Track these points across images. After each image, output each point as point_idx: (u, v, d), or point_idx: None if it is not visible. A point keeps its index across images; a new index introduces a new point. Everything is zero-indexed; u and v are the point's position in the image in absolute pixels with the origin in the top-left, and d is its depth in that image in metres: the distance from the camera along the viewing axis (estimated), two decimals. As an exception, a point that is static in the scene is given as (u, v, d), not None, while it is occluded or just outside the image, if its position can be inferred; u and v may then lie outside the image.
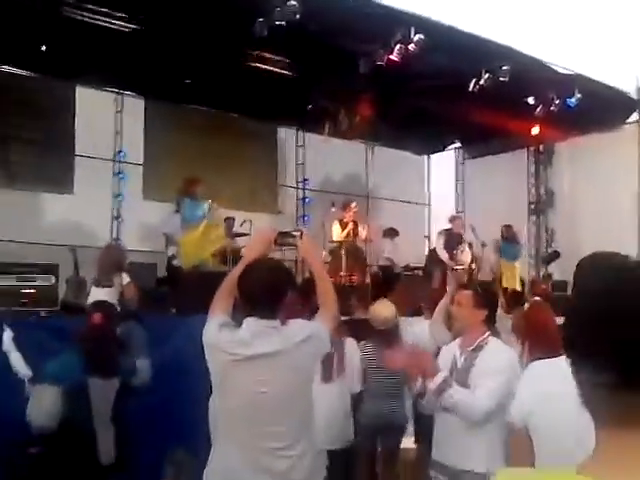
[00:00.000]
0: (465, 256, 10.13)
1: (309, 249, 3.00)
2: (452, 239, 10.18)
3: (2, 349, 4.18)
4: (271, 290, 2.61)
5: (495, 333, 4.36)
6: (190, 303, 5.66)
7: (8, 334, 4.23)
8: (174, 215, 8.24)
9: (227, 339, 2.57)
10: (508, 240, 10.55)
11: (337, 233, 9.54)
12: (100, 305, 4.56)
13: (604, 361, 0.80)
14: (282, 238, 2.96)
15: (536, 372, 2.41)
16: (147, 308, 6.46)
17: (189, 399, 3.47)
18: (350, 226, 9.55)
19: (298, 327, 2.65)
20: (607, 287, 0.82)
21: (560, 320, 0.95)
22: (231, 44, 8.90)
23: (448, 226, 10.40)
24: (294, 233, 2.98)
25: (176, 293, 7.62)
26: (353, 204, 9.82)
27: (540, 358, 2.76)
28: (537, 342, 3.24)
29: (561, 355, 0.90)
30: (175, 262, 8.07)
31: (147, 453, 4.36)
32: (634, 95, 11.36)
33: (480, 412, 2.89)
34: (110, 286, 6.14)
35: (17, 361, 4.13)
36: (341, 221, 9.59)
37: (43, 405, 3.73)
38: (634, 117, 11.68)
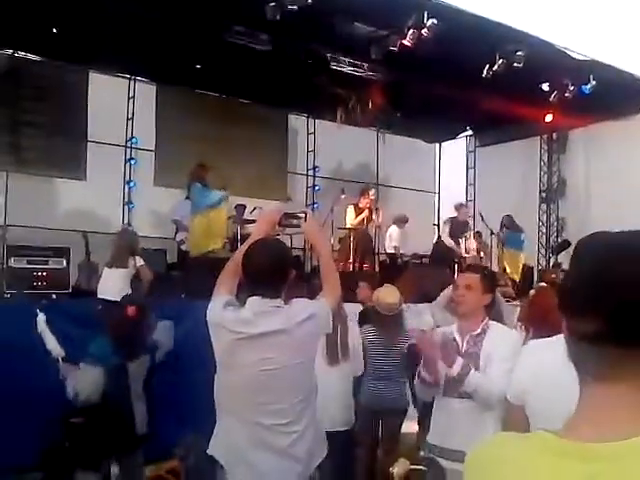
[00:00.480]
0: (470, 244, 10.10)
1: (313, 230, 3.02)
2: (457, 227, 10.14)
3: (37, 331, 4.42)
4: (274, 269, 2.63)
5: (499, 319, 4.39)
6: (200, 288, 5.69)
7: (42, 317, 4.46)
8: (184, 202, 8.30)
9: (231, 318, 2.60)
10: (511, 229, 10.53)
11: (351, 218, 9.53)
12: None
13: (595, 315, 0.83)
14: (287, 219, 3.00)
15: (533, 350, 2.41)
16: (158, 292, 6.52)
17: (198, 382, 3.46)
18: (365, 213, 9.54)
19: (301, 306, 2.68)
20: (601, 256, 0.87)
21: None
22: (243, 29, 8.87)
23: (454, 214, 10.35)
24: (299, 214, 2.99)
25: (186, 278, 7.68)
26: (372, 191, 9.81)
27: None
28: (540, 326, 3.22)
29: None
30: (184, 247, 8.13)
31: (156, 434, 4.42)
32: (650, 83, 11.20)
33: (498, 395, 2.90)
34: (124, 267, 6.23)
35: (51, 342, 4.36)
36: (356, 206, 9.58)
37: (86, 383, 3.95)
38: (650, 104, 11.52)
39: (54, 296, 6.49)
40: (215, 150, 10.50)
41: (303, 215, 2.96)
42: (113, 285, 6.08)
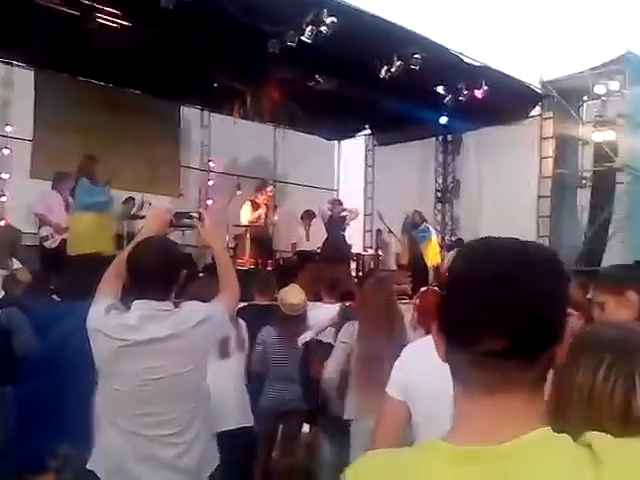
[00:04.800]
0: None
1: (209, 231, 2.86)
2: (335, 223, 10.05)
3: None
4: (162, 270, 2.48)
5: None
6: (77, 289, 5.29)
7: None
8: (51, 193, 7.84)
9: (114, 323, 2.44)
10: (419, 224, 10.70)
11: (247, 214, 9.21)
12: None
13: (502, 333, 0.83)
14: (179, 219, 2.83)
15: (415, 348, 2.42)
16: (33, 293, 6.02)
17: (75, 390, 3.40)
18: (262, 209, 9.27)
19: (193, 309, 2.55)
20: (502, 270, 0.86)
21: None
22: (134, 16, 8.35)
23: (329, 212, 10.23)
24: (192, 214, 2.86)
25: (62, 278, 7.16)
26: (269, 188, 9.58)
27: None
28: (430, 328, 3.16)
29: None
30: (47, 244, 7.63)
31: (27, 446, 4.25)
32: (537, 89, 11.69)
33: None
34: (3, 268, 5.71)
35: None
36: (253, 202, 9.28)
37: None
38: (537, 111, 12.02)
39: None
40: (100, 142, 9.83)
41: (196, 214, 2.85)
42: None
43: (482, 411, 0.86)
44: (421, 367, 2.09)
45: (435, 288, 4.24)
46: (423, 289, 4.26)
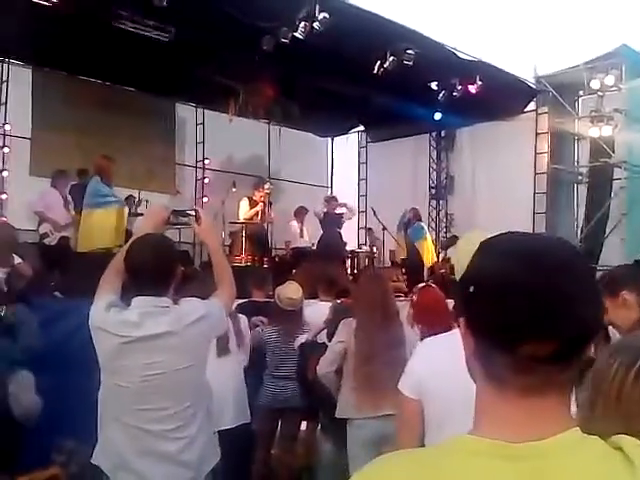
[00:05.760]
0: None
1: (205, 228, 2.90)
2: (331, 220, 10.06)
3: None
4: (159, 266, 2.53)
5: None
6: (81, 286, 5.32)
7: None
8: (50, 191, 7.89)
9: (114, 320, 2.48)
10: (416, 221, 10.72)
11: (244, 211, 9.25)
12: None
13: (551, 337, 0.81)
14: (176, 217, 2.88)
15: (428, 346, 2.41)
16: (35, 289, 6.04)
17: (80, 386, 3.33)
18: (259, 207, 9.30)
19: (191, 307, 2.59)
20: (546, 271, 0.82)
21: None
22: (127, 15, 8.36)
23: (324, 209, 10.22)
24: (189, 212, 2.90)
25: (66, 275, 7.19)
26: (267, 185, 9.59)
27: None
28: (427, 325, 3.20)
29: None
30: (47, 240, 7.72)
31: (34, 440, 4.18)
32: (532, 84, 11.68)
33: None
34: (4, 266, 5.70)
35: None
36: (251, 199, 9.32)
37: None
38: (532, 106, 12.00)
39: None
40: (97, 139, 9.93)
41: (193, 212, 2.87)
42: None
43: (514, 411, 0.84)
44: (437, 366, 2.09)
45: (432, 285, 4.23)
46: (420, 286, 4.23)
